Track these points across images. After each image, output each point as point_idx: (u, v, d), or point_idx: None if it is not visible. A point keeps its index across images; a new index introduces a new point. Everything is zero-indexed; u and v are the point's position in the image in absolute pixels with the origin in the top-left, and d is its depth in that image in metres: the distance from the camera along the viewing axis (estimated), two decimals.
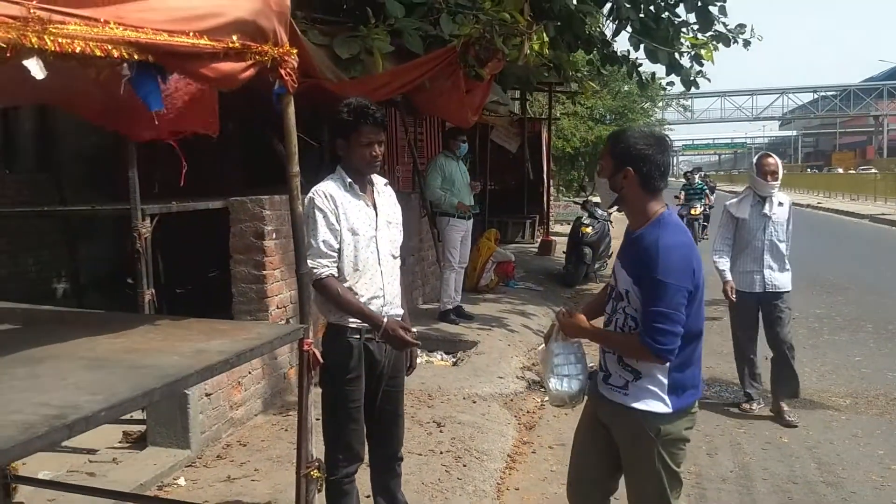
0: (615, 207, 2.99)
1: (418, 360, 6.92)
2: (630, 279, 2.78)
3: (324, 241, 3.24)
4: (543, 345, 3.15)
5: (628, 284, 2.80)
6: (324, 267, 3.23)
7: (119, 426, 4.83)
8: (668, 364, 2.79)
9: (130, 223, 4.70)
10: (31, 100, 4.16)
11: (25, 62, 2.20)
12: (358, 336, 3.32)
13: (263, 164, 7.21)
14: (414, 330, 3.42)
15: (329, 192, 3.31)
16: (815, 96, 76.36)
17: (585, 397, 3.03)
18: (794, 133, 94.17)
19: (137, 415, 4.82)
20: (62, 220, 7.77)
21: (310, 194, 3.33)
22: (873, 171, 44.62)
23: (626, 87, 35.97)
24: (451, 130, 8.61)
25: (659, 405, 2.81)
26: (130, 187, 4.61)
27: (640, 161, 2.79)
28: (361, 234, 3.31)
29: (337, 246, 3.26)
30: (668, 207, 2.90)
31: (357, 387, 3.34)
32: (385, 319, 3.27)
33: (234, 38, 2.66)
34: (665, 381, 2.81)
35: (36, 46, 2.09)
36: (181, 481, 4.29)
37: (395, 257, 3.44)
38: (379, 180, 3.48)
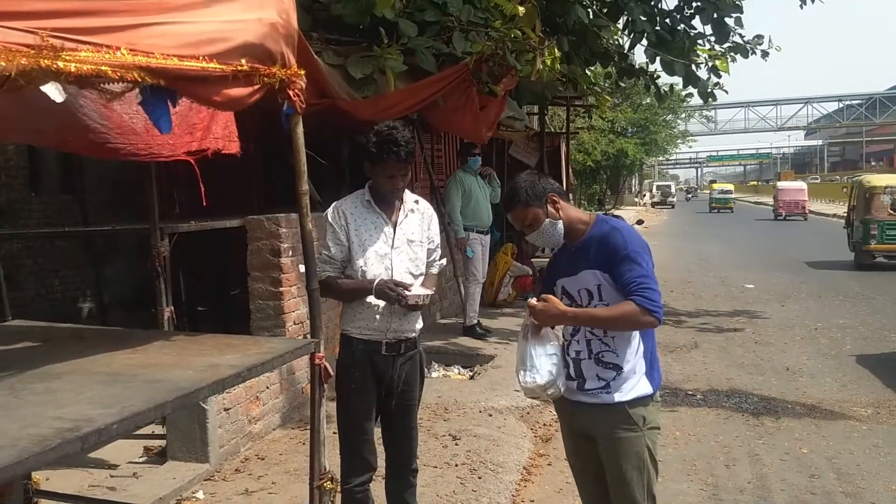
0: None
1: (435, 374, 7.03)
2: (598, 272, 2.89)
3: (326, 252, 3.39)
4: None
5: (598, 279, 2.90)
6: (323, 271, 3.36)
7: (140, 441, 4.92)
8: (640, 348, 2.93)
9: (150, 242, 4.81)
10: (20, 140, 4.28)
11: (44, 87, 2.31)
12: (363, 348, 3.39)
13: (285, 183, 7.32)
14: (419, 292, 3.36)
15: (343, 208, 3.43)
16: (841, 105, 75.73)
17: (560, 388, 2.97)
18: (820, 142, 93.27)
19: (158, 430, 4.92)
20: (86, 240, 7.94)
21: (328, 208, 3.48)
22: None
23: (647, 100, 36.00)
24: (466, 145, 8.68)
25: (642, 387, 2.92)
26: (150, 207, 4.72)
27: (550, 186, 3.03)
28: (373, 250, 3.38)
29: (340, 257, 3.39)
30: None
31: (364, 398, 3.40)
32: (376, 282, 3.31)
33: (243, 61, 2.74)
34: (644, 363, 2.94)
35: (52, 70, 2.19)
36: (199, 495, 4.36)
37: (413, 275, 3.46)
38: (409, 198, 3.53)
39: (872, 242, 16.20)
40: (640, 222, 23.72)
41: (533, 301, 2.97)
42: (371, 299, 3.35)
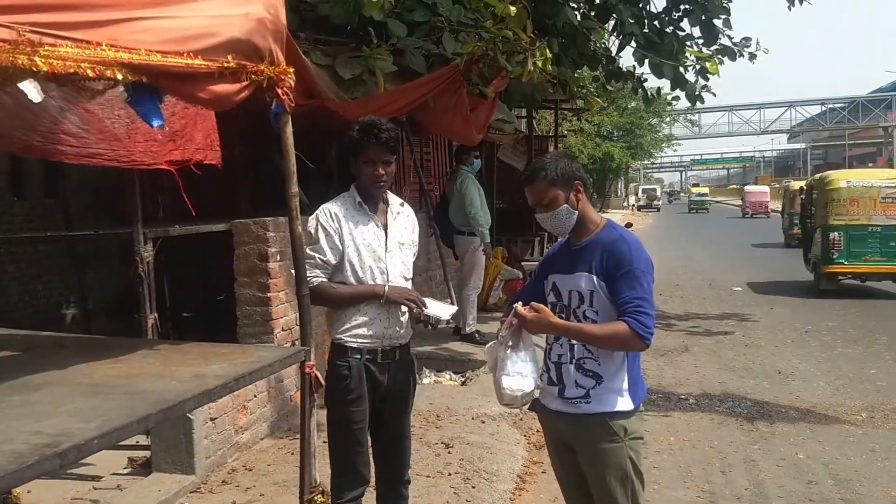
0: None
1: (426, 380, 6.92)
2: (594, 278, 2.80)
3: (321, 258, 3.24)
4: (493, 342, 3.01)
5: (592, 285, 2.81)
6: (315, 276, 3.22)
7: (124, 452, 4.78)
8: (625, 363, 2.83)
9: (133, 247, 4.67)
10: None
11: (21, 85, 2.19)
12: (358, 356, 3.26)
13: (273, 185, 7.17)
14: (445, 314, 3.39)
15: (335, 211, 3.30)
16: (823, 109, 76.06)
17: (534, 396, 2.93)
18: (803, 146, 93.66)
19: (143, 440, 4.78)
20: (69, 245, 7.78)
21: (316, 211, 3.33)
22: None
23: (632, 104, 36.12)
24: (465, 147, 8.45)
25: (623, 403, 2.82)
26: (133, 211, 4.59)
27: (579, 172, 2.93)
28: (368, 254, 3.28)
29: (334, 262, 3.25)
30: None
31: (359, 407, 3.28)
32: (386, 288, 3.23)
33: (229, 57, 2.64)
34: (625, 379, 2.84)
35: (27, 68, 2.08)
36: None
37: (406, 279, 3.39)
38: (394, 200, 3.44)
39: (794, 228, 21.47)
40: (629, 225, 23.78)
41: (521, 308, 2.85)
42: (366, 306, 3.24)
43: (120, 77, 2.30)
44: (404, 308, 3.33)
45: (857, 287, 13.57)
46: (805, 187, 15.86)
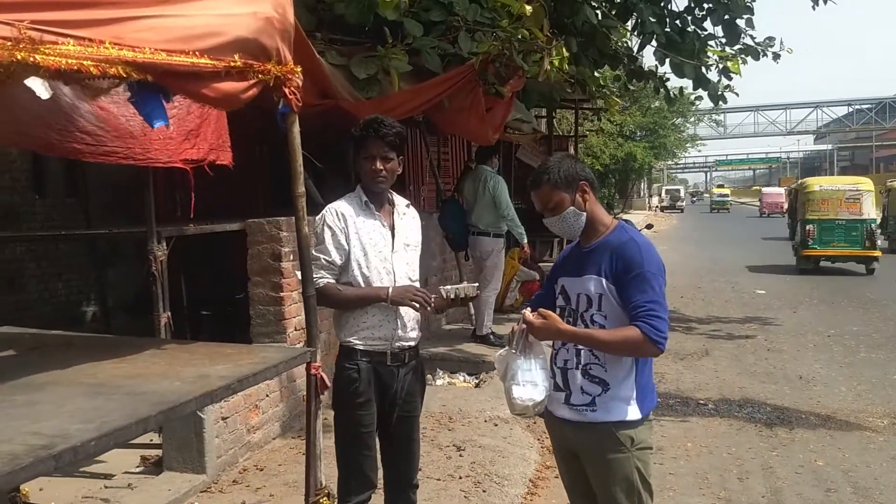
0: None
1: (439, 382, 6.89)
2: (604, 280, 2.73)
3: (326, 258, 3.20)
4: (503, 350, 2.96)
5: (601, 288, 2.74)
6: (322, 278, 3.18)
7: (137, 450, 4.79)
8: (633, 370, 2.75)
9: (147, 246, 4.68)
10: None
11: (28, 82, 2.19)
12: (367, 359, 3.22)
13: (288, 185, 7.12)
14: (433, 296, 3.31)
15: (341, 210, 3.26)
16: (850, 109, 75.21)
17: (546, 404, 2.85)
18: (830, 147, 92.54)
19: (156, 438, 4.79)
20: (89, 244, 7.84)
21: (323, 211, 3.30)
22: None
23: (656, 104, 35.80)
24: (486, 147, 8.31)
25: (631, 412, 2.74)
26: (146, 210, 4.60)
27: (584, 173, 2.84)
28: (374, 254, 3.24)
29: (340, 263, 3.21)
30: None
31: (368, 411, 3.25)
32: (390, 290, 3.18)
33: (236, 56, 2.62)
34: (634, 387, 2.76)
35: (30, 64, 2.07)
36: None
37: (411, 280, 3.35)
38: (400, 201, 3.41)
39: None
40: (649, 226, 23.62)
41: (530, 315, 2.79)
42: (374, 308, 3.21)
43: (124, 75, 2.29)
44: (414, 311, 3.29)
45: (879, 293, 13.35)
46: (792, 190, 20.79)
